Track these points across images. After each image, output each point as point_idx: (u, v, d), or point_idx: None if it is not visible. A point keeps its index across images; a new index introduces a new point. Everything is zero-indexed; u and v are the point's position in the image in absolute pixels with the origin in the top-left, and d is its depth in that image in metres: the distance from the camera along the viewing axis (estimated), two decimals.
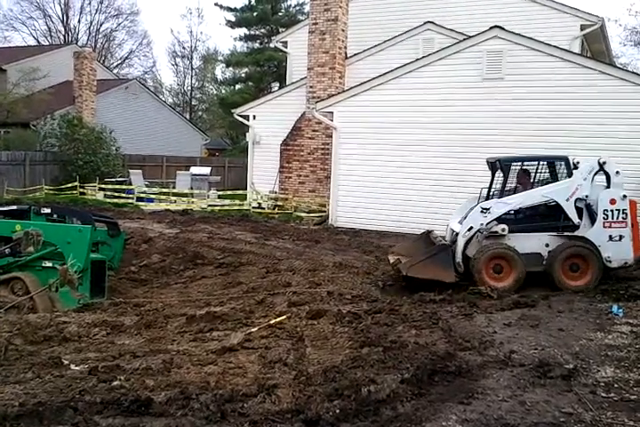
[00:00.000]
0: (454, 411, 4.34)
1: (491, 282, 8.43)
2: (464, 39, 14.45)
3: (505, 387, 4.82)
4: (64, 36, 48.88)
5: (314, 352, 5.62)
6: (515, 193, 8.95)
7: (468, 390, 4.71)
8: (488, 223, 8.63)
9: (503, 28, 13.55)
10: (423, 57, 14.80)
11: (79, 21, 49.78)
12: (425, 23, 17.48)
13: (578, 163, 8.93)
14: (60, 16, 49.02)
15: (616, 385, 4.86)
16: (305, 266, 9.74)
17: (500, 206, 8.67)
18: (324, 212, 16.68)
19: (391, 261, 9.29)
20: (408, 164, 14.42)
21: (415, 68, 14.44)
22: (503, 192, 8.98)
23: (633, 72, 15.23)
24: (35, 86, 26.79)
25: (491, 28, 13.65)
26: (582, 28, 16.82)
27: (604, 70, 12.74)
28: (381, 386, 4.62)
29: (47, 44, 45.22)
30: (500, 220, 8.70)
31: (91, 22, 49.76)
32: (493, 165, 9.59)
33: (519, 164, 9.31)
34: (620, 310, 7.21)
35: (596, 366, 5.33)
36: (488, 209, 8.63)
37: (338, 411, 4.21)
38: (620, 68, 16.39)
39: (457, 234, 9.12)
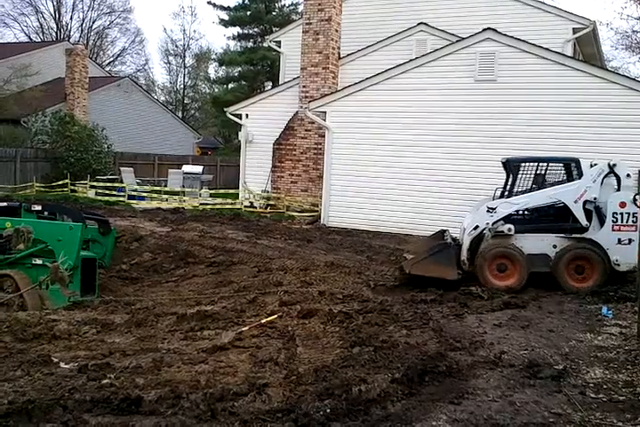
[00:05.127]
0: (444, 411, 4.35)
1: (494, 281, 8.55)
2: (457, 41, 14.49)
3: (495, 387, 4.84)
4: (56, 33, 48.52)
5: (305, 352, 5.62)
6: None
7: (459, 391, 4.73)
8: (494, 223, 8.71)
9: (496, 31, 13.61)
10: (416, 58, 14.83)
11: (71, 18, 49.44)
12: (418, 24, 17.50)
13: (595, 164, 8.92)
14: (53, 13, 48.72)
15: (605, 386, 4.89)
16: (296, 265, 9.73)
17: (507, 206, 8.76)
18: (317, 211, 16.68)
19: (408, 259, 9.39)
20: (400, 164, 14.45)
21: (408, 68, 14.47)
22: (511, 192, 9.04)
23: (623, 75, 15.34)
24: (26, 83, 26.56)
25: (483, 30, 13.70)
26: (574, 31, 16.89)
27: (596, 73, 12.81)
28: (372, 386, 4.63)
29: (39, 40, 44.87)
30: (507, 220, 8.77)
31: (83, 19, 49.48)
32: (506, 166, 9.60)
33: (528, 164, 9.29)
34: (610, 312, 7.25)
35: (585, 367, 5.36)
36: (494, 209, 8.72)
37: (328, 410, 4.22)
38: (610, 71, 16.48)
39: None
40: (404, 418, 4.22)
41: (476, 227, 8.77)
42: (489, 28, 13.66)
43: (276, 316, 6.74)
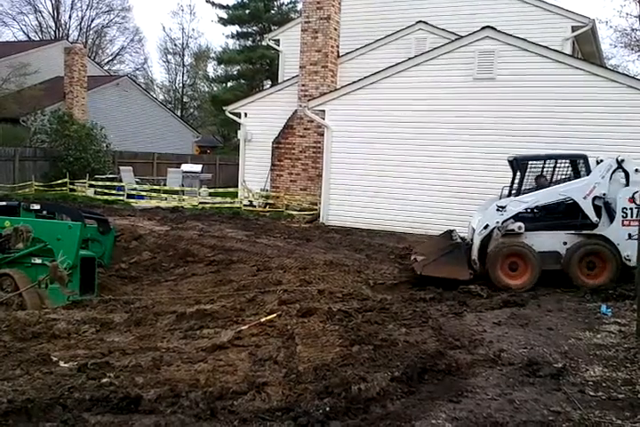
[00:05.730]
0: (444, 409, 4.36)
1: (506, 280, 8.49)
2: (456, 39, 14.48)
3: (494, 385, 4.84)
4: (55, 32, 48.44)
5: (304, 350, 5.62)
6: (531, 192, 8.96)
7: (458, 389, 4.73)
8: (504, 221, 8.66)
9: (495, 29, 13.60)
10: (415, 56, 14.81)
11: (70, 17, 49.37)
12: (417, 22, 17.48)
13: (601, 161, 8.89)
14: (51, 11, 48.62)
15: (604, 384, 4.90)
16: (296, 264, 9.73)
17: (516, 205, 8.72)
18: (316, 210, 16.68)
19: (418, 260, 9.35)
20: (399, 162, 14.45)
21: (407, 67, 14.47)
22: (519, 190, 9.00)
23: (622, 73, 15.34)
24: (25, 82, 26.48)
25: (482, 28, 13.69)
26: (573, 29, 16.86)
27: (595, 71, 12.81)
28: (371, 384, 4.64)
29: (38, 39, 44.80)
30: (517, 218, 8.73)
31: (82, 18, 49.40)
32: (514, 164, 9.58)
33: (536, 162, 9.27)
34: (609, 310, 7.26)
35: (584, 365, 5.37)
36: (504, 207, 8.68)
37: (328, 409, 4.22)
38: (610, 69, 16.50)
39: None
40: (404, 416, 4.22)
41: (486, 226, 8.70)
42: (488, 27, 13.65)
43: (275, 315, 6.74)
